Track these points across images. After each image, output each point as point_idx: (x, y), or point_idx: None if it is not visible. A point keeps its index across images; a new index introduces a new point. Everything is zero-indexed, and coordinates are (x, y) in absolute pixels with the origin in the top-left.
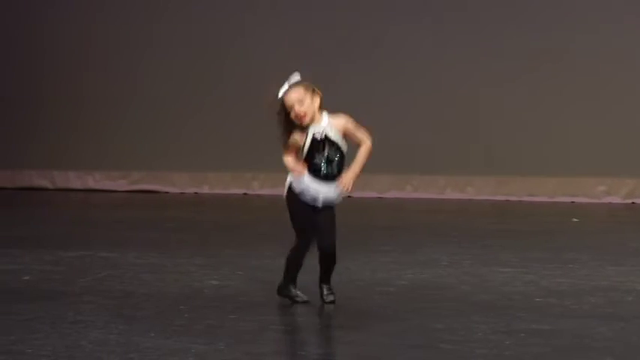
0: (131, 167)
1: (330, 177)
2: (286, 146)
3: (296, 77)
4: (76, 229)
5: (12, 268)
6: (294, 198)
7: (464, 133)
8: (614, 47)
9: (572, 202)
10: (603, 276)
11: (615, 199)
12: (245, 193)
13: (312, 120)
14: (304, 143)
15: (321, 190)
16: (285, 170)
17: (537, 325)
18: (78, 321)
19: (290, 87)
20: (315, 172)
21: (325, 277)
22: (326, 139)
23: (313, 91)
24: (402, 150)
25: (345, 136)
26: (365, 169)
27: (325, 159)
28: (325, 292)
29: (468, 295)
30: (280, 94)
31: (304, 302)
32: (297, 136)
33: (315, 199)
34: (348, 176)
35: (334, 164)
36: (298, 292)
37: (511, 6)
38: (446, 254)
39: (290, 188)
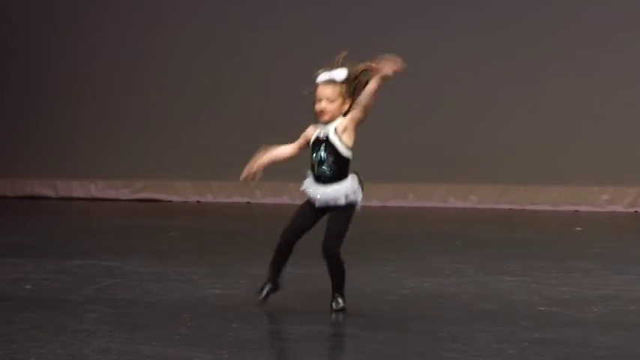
0: (134, 176)
1: (322, 178)
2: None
3: (342, 74)
4: (79, 237)
5: (14, 277)
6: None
7: (466, 142)
8: (617, 57)
9: (576, 210)
10: (607, 285)
11: (619, 208)
12: (248, 202)
13: (330, 121)
14: (310, 139)
15: (317, 191)
16: (289, 178)
17: (540, 333)
18: (81, 330)
19: (330, 79)
20: (312, 171)
21: (333, 284)
22: (326, 140)
23: (348, 97)
24: (404, 159)
25: (361, 118)
26: (367, 177)
27: (319, 159)
28: (332, 299)
29: (471, 303)
30: (317, 80)
31: (258, 300)
32: (310, 130)
33: (313, 200)
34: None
35: (326, 166)
36: (264, 290)
37: (515, 15)
38: (448, 263)
39: None
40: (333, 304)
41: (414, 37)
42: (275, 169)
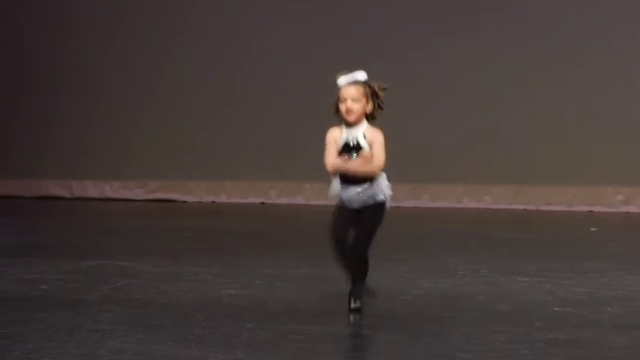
0: (148, 176)
1: (353, 180)
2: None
3: (364, 74)
4: (94, 238)
5: (29, 277)
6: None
7: (481, 142)
8: (633, 58)
9: (590, 211)
10: (621, 285)
11: (633, 209)
12: (263, 202)
13: (356, 122)
14: (338, 142)
15: (347, 192)
16: (303, 178)
17: (555, 334)
18: (95, 330)
19: (353, 81)
20: (342, 174)
21: (354, 280)
22: (357, 145)
23: (372, 96)
24: (418, 159)
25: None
26: None
27: None
28: (351, 299)
29: (485, 304)
30: (340, 82)
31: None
32: (334, 132)
33: (348, 201)
34: (339, 163)
35: None
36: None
37: (531, 17)
38: (463, 263)
39: None
40: (352, 304)
41: (428, 38)
42: (288, 169)
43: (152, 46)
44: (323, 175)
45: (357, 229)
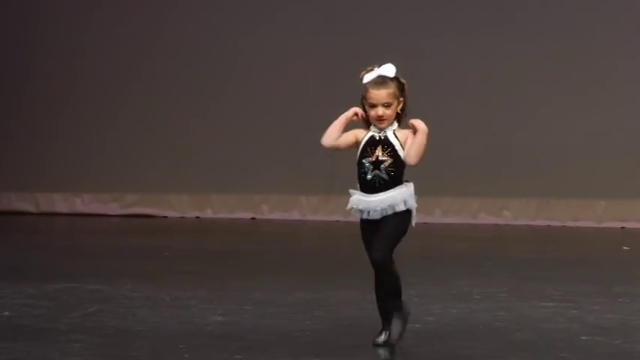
0: (124, 189)
1: (376, 184)
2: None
3: (391, 70)
4: (63, 258)
5: None
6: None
7: (499, 151)
8: None
9: (623, 227)
10: None
11: None
12: (253, 218)
13: (387, 126)
14: (361, 141)
15: (369, 201)
16: (299, 190)
17: None
18: None
19: (382, 79)
20: (361, 177)
21: (382, 306)
22: (384, 140)
23: (402, 95)
24: (429, 169)
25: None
26: None
27: (374, 161)
28: (381, 328)
29: (504, 333)
30: (366, 80)
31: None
32: (359, 132)
33: (366, 212)
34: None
35: (383, 169)
36: (382, 336)
37: (558, 20)
38: (479, 286)
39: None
40: (380, 337)
41: (442, 43)
42: (283, 180)
43: (130, 45)
44: (321, 188)
45: (375, 237)
